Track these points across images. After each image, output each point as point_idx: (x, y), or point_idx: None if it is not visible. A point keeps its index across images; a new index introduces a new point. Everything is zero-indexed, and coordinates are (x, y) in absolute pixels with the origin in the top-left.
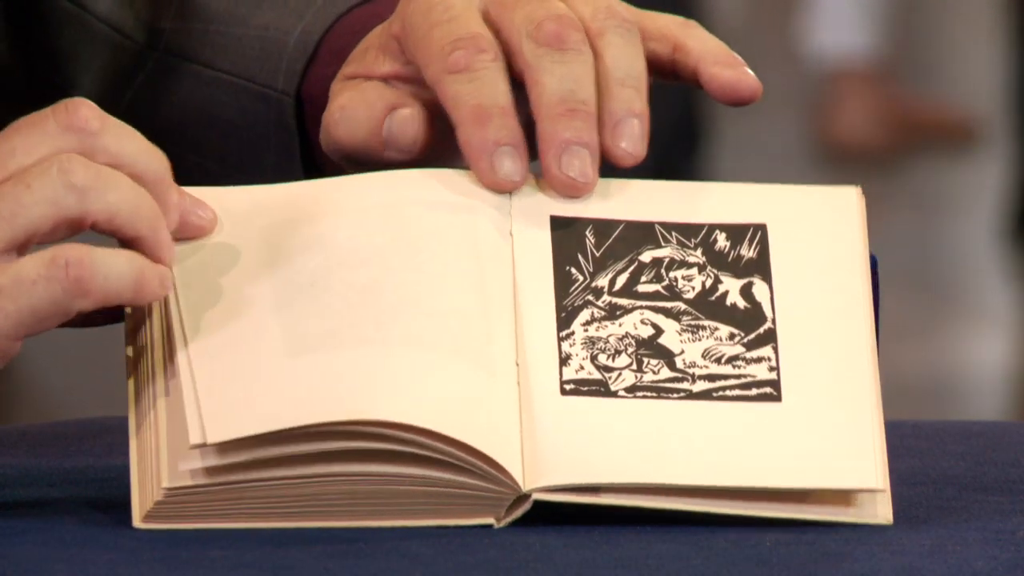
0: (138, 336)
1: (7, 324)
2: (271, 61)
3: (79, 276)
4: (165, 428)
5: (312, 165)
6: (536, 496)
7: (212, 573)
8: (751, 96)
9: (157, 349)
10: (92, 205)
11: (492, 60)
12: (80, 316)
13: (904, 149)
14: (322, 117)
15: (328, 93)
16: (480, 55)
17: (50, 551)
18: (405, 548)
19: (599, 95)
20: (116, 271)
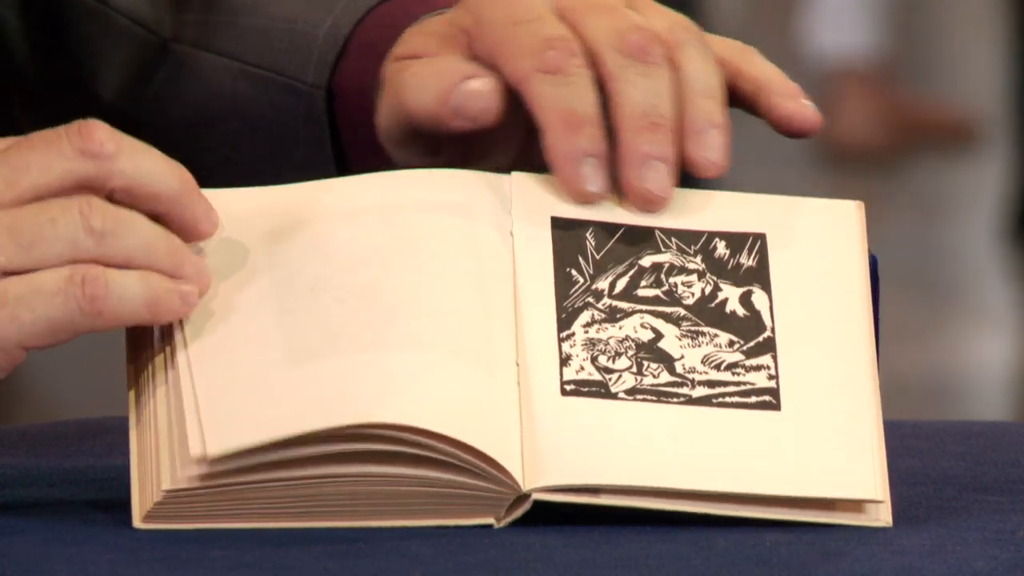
0: (139, 340)
1: (21, 333)
2: (300, 54)
3: (94, 295)
4: (165, 429)
5: (341, 159)
6: (536, 496)
7: (212, 573)
8: (811, 129)
9: (158, 353)
10: (108, 250)
11: (582, 66)
12: None
13: (904, 149)
14: (379, 95)
15: (359, 86)
16: (572, 59)
17: (50, 551)
18: (405, 548)
19: (680, 107)
20: (130, 292)
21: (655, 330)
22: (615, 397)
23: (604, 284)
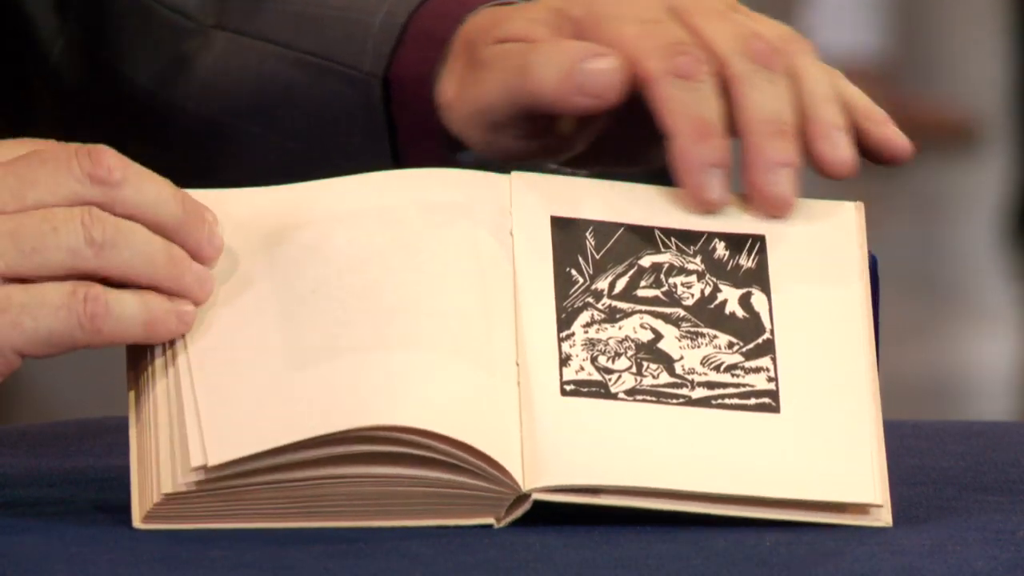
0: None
1: (21, 339)
2: (355, 43)
3: (94, 313)
4: (166, 431)
5: (394, 147)
6: (536, 496)
7: (212, 573)
8: (902, 156)
9: (158, 354)
10: (107, 262)
11: (710, 74)
12: None
13: None
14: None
15: (416, 75)
16: (701, 65)
17: (50, 551)
18: (405, 548)
19: (804, 112)
20: (128, 313)
21: (655, 331)
22: (615, 397)
23: (604, 284)
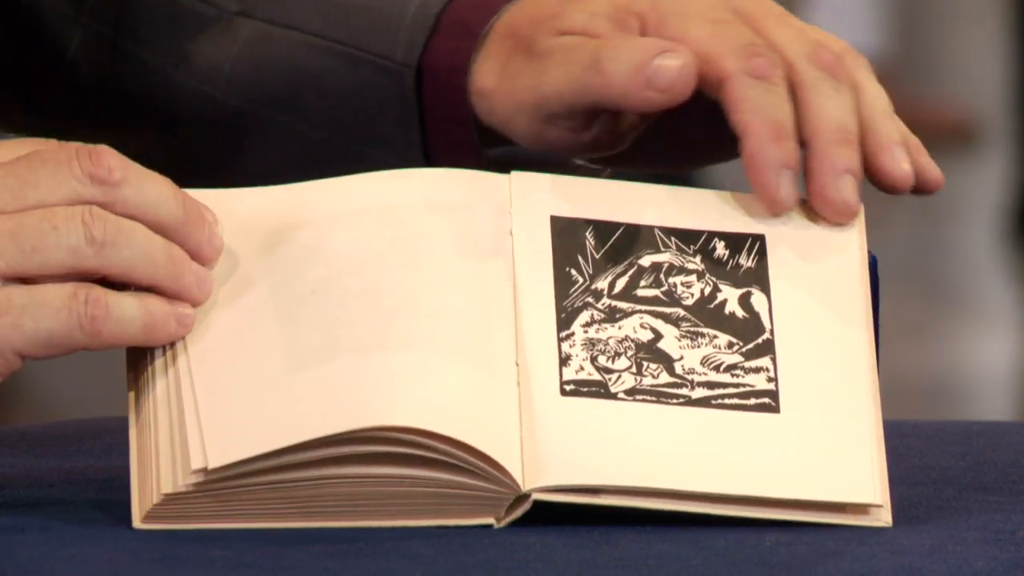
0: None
1: (21, 341)
2: (387, 32)
3: (94, 315)
4: (166, 432)
5: (425, 138)
6: (536, 496)
7: (212, 573)
8: (935, 186)
9: (159, 355)
10: (107, 260)
11: (784, 78)
12: None
13: None
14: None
15: (450, 65)
16: (776, 69)
17: (50, 551)
18: (405, 548)
19: (864, 125)
20: (128, 315)
21: (654, 330)
22: (614, 397)
23: (603, 284)
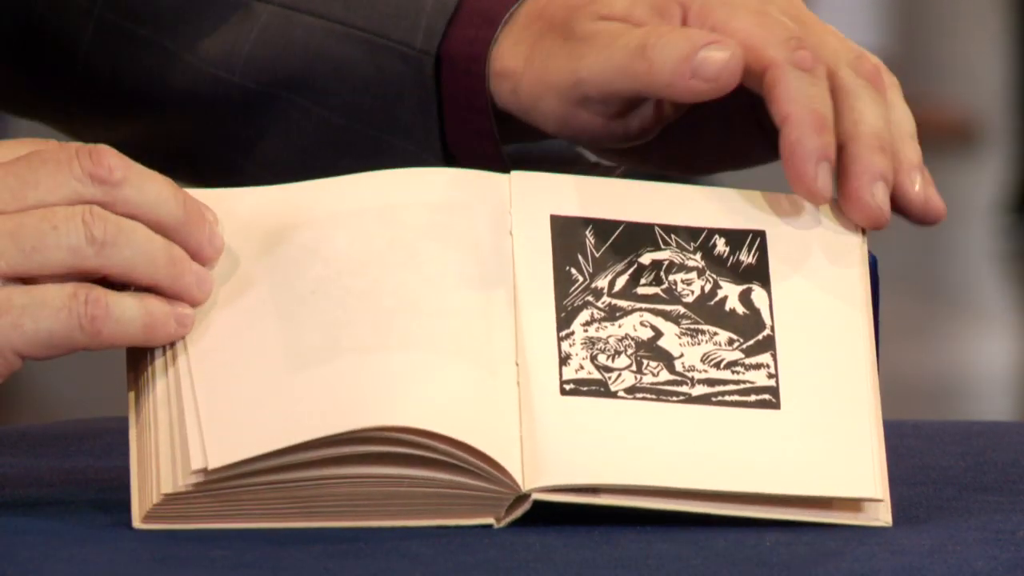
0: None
1: (21, 341)
2: (407, 19)
3: (94, 315)
4: (166, 432)
5: (443, 125)
6: (536, 496)
7: (212, 573)
8: (936, 219)
9: (159, 355)
10: (108, 260)
11: (825, 75)
12: None
13: None
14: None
15: (469, 53)
16: (819, 64)
17: (50, 551)
18: (405, 548)
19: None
20: (128, 315)
21: (654, 328)
22: (615, 396)
23: (603, 282)
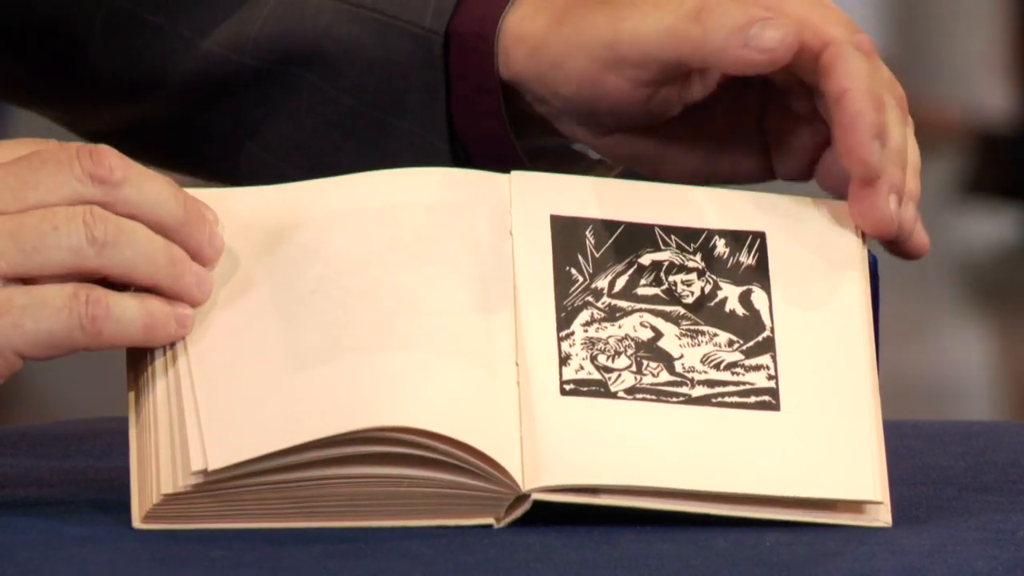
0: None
1: (22, 341)
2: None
3: (95, 315)
4: (166, 432)
5: (450, 106)
6: (535, 496)
7: (212, 573)
8: (919, 254)
9: (159, 355)
10: (108, 261)
11: (880, 64)
12: None
13: None
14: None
15: (479, 32)
16: (874, 54)
17: (50, 551)
18: (405, 548)
19: None
20: (129, 315)
21: (654, 329)
22: (615, 396)
23: (603, 283)
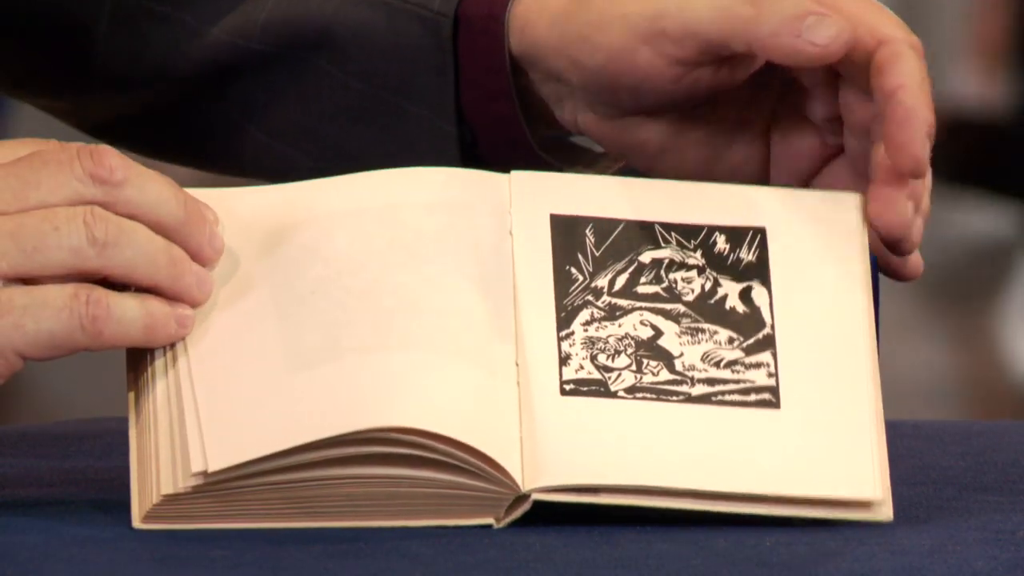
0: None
1: (23, 341)
2: None
3: (96, 316)
4: (166, 433)
5: (459, 89)
6: (535, 496)
7: (212, 573)
8: (913, 276)
9: (159, 355)
10: (109, 261)
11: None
12: None
13: None
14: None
15: (488, 13)
16: (925, 61)
17: (50, 551)
18: (405, 548)
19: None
20: (129, 316)
21: (654, 327)
22: (614, 396)
23: (603, 281)
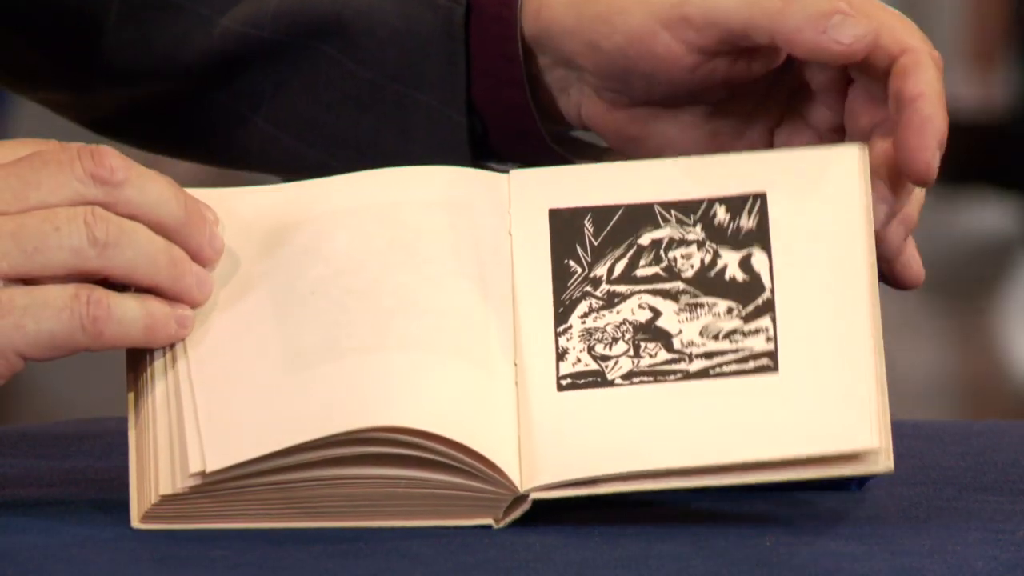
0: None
1: (24, 342)
2: None
3: (96, 316)
4: (165, 433)
5: (470, 77)
6: (534, 496)
7: (212, 573)
8: (914, 284)
9: (158, 356)
10: (109, 261)
11: None
12: None
13: None
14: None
15: (502, 0)
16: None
17: (50, 551)
18: (405, 548)
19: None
20: (130, 316)
21: (653, 309)
22: (611, 384)
23: (602, 270)
